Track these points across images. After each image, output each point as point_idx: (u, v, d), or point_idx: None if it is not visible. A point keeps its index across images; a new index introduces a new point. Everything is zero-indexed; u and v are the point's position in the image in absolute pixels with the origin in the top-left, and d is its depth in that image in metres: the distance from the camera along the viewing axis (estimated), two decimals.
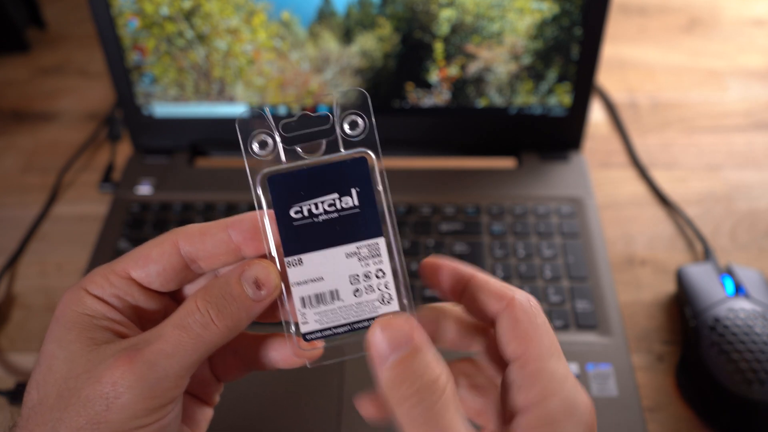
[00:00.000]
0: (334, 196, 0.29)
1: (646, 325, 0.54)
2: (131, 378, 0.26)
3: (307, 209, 0.29)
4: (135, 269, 0.30)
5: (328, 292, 0.29)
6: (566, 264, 0.54)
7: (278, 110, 0.60)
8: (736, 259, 0.58)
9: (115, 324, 0.29)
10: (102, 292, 0.30)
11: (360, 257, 0.30)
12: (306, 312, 0.29)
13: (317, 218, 0.29)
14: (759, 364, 0.45)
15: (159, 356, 0.27)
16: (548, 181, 0.60)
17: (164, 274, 0.29)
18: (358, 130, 0.30)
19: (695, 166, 0.66)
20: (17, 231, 0.61)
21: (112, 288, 0.30)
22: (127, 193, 0.60)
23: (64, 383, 0.27)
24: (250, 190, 0.29)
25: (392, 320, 0.28)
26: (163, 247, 0.29)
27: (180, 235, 0.29)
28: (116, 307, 0.29)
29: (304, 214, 0.29)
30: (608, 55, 0.76)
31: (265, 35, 0.56)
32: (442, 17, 0.55)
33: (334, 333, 0.30)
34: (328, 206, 0.29)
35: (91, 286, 0.30)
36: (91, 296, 0.30)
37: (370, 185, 0.30)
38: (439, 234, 0.56)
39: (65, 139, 0.70)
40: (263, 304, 0.28)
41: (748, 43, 0.79)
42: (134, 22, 0.56)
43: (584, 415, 0.26)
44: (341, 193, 0.30)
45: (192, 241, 0.29)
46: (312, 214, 0.29)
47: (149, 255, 0.29)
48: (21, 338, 0.54)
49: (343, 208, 0.29)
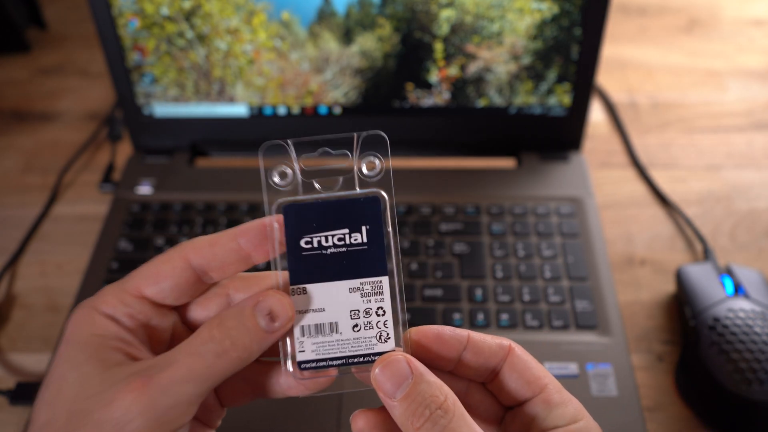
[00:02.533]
0: (345, 231, 0.30)
1: (645, 324, 0.54)
2: (143, 404, 0.26)
3: (317, 241, 0.30)
4: (147, 287, 0.30)
5: (327, 324, 0.30)
6: (566, 264, 0.54)
7: (278, 110, 0.60)
8: (735, 259, 0.58)
9: (125, 345, 0.29)
10: (114, 311, 0.29)
11: (363, 293, 0.30)
12: (304, 341, 0.30)
13: (326, 251, 0.30)
14: (758, 363, 0.45)
15: (171, 383, 0.27)
16: (548, 181, 0.60)
17: (177, 289, 0.30)
18: (374, 171, 0.31)
19: (695, 166, 0.66)
20: (17, 231, 0.61)
21: (125, 307, 0.30)
22: (128, 193, 0.60)
23: (75, 405, 0.27)
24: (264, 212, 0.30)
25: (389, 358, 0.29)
26: (174, 263, 0.30)
27: (189, 248, 0.30)
28: (128, 326, 0.29)
29: (313, 245, 0.30)
30: (608, 55, 0.76)
31: (265, 35, 0.56)
32: (442, 17, 0.55)
33: (328, 365, 0.30)
34: (337, 240, 0.30)
35: (103, 306, 0.29)
36: (103, 316, 0.29)
37: (380, 224, 0.30)
38: (439, 234, 0.56)
39: (65, 139, 0.70)
40: (276, 336, 0.29)
41: (747, 44, 0.79)
42: (134, 22, 0.56)
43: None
44: (352, 229, 0.30)
45: (202, 253, 0.30)
46: (321, 246, 0.30)
47: (160, 272, 0.30)
48: (21, 338, 0.54)
49: (352, 243, 0.30)
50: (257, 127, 0.61)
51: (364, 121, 0.61)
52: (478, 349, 0.30)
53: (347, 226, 0.30)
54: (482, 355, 0.30)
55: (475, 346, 0.30)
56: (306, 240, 0.30)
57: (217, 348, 0.28)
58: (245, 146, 0.63)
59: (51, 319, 0.55)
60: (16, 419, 0.48)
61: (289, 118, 0.61)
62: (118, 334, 0.29)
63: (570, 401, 0.30)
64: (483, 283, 0.53)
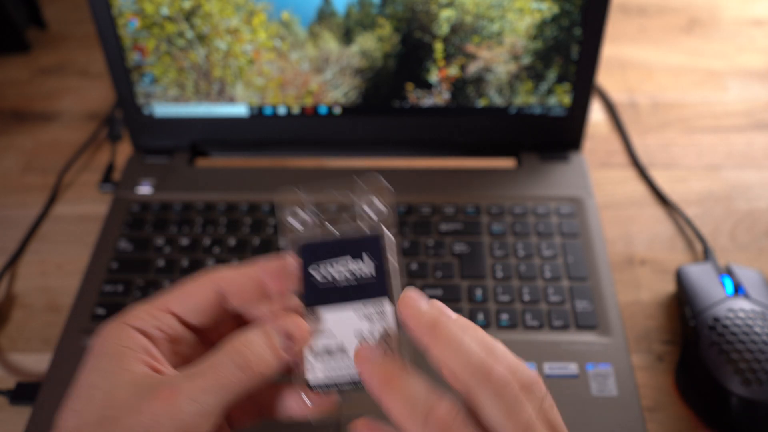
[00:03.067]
0: (353, 265, 0.34)
1: (645, 324, 0.54)
2: (171, 411, 0.28)
3: (329, 272, 0.34)
4: (176, 304, 0.33)
5: (336, 347, 0.33)
6: (566, 264, 0.54)
7: (278, 110, 0.60)
8: (735, 259, 0.58)
9: (151, 358, 0.31)
10: (144, 324, 0.32)
11: (369, 318, 0.34)
12: (314, 363, 0.33)
13: (336, 281, 0.34)
14: (758, 363, 0.45)
15: (198, 392, 0.29)
16: (548, 181, 0.60)
17: (202, 310, 0.33)
18: (379, 213, 0.35)
19: (695, 166, 0.66)
20: (17, 231, 0.61)
21: (154, 320, 0.32)
22: (127, 193, 0.60)
23: (105, 411, 0.29)
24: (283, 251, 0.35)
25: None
26: (201, 285, 0.33)
27: (216, 274, 0.33)
28: (156, 338, 0.32)
29: (325, 276, 0.34)
30: (608, 55, 0.76)
31: (265, 35, 0.56)
32: (442, 17, 0.55)
33: (338, 386, 0.33)
34: (347, 272, 0.34)
35: (134, 321, 0.32)
36: (134, 329, 0.31)
37: (383, 258, 0.34)
38: (439, 234, 0.56)
39: (65, 139, 0.70)
40: (291, 355, 0.32)
41: (747, 44, 0.79)
42: (134, 22, 0.56)
43: None
44: (359, 262, 0.34)
45: (227, 279, 0.33)
46: (332, 277, 0.34)
47: (189, 292, 0.33)
48: (21, 338, 0.54)
49: (360, 275, 0.34)
50: (257, 127, 0.61)
51: (364, 121, 0.61)
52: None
53: (354, 260, 0.34)
54: None
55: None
56: (318, 272, 0.34)
57: (240, 361, 0.30)
58: (245, 146, 0.63)
59: (51, 319, 0.55)
60: (16, 419, 0.48)
61: (289, 118, 0.61)
62: (146, 347, 0.31)
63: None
64: (483, 283, 0.53)
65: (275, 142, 0.63)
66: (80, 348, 0.50)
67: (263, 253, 0.55)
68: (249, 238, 0.56)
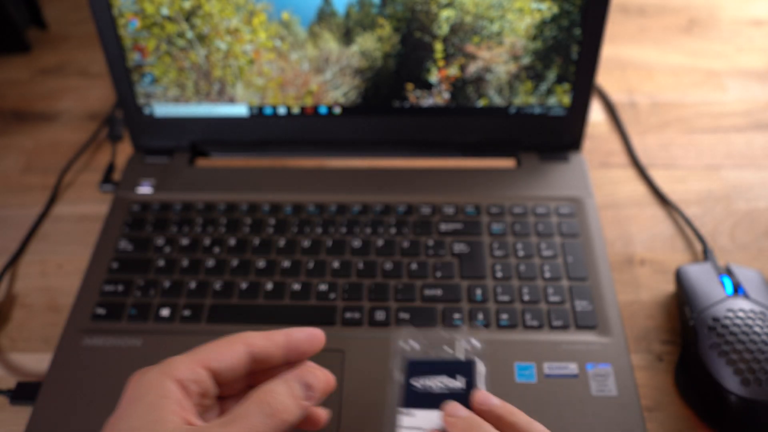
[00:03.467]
0: (447, 379, 0.41)
1: (645, 324, 0.54)
2: None
3: (427, 382, 0.41)
4: (212, 361, 0.35)
5: None
6: (566, 264, 0.54)
7: (278, 110, 0.60)
8: (735, 259, 0.58)
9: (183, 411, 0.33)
10: (185, 376, 0.34)
11: None
12: None
13: (432, 390, 0.41)
14: (758, 363, 0.45)
15: None
16: (548, 181, 0.60)
17: (234, 369, 0.35)
18: (474, 347, 0.44)
19: (694, 166, 0.66)
20: (18, 231, 0.61)
21: (193, 374, 0.34)
22: (128, 193, 0.60)
23: None
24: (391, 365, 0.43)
25: None
26: (236, 347, 0.36)
27: (250, 337, 0.36)
28: (193, 392, 0.34)
29: (424, 384, 0.42)
30: (608, 55, 0.77)
31: (265, 35, 0.56)
32: (442, 17, 0.55)
33: None
34: (441, 384, 0.41)
35: (175, 372, 0.34)
36: (173, 381, 0.34)
37: (473, 379, 0.41)
38: (439, 234, 0.56)
39: (66, 139, 0.70)
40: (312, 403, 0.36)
41: (747, 44, 0.79)
42: (135, 22, 0.56)
43: None
44: (452, 377, 0.41)
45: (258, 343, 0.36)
46: (429, 387, 0.41)
47: (225, 352, 0.36)
48: (22, 338, 0.54)
49: (452, 388, 0.41)
50: (257, 127, 0.62)
51: (364, 121, 0.61)
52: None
53: (450, 376, 0.42)
54: None
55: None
56: (419, 381, 0.42)
57: (267, 410, 0.33)
58: (245, 146, 0.63)
59: (51, 319, 0.55)
60: (16, 419, 0.48)
61: (289, 118, 0.61)
62: (181, 400, 0.33)
63: None
64: (483, 283, 0.53)
65: (275, 142, 0.63)
66: (80, 348, 0.50)
67: (263, 253, 0.55)
68: (249, 238, 0.56)
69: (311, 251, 0.55)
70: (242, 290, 0.53)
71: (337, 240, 0.56)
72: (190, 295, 0.53)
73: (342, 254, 0.55)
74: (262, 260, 0.55)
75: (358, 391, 0.47)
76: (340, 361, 0.48)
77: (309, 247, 0.56)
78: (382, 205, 0.59)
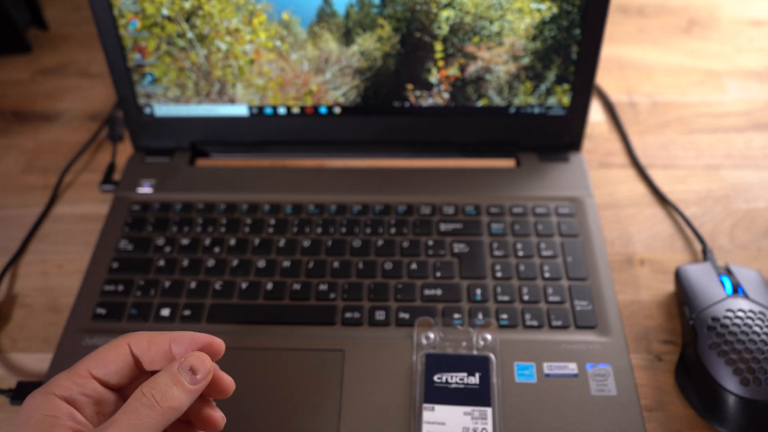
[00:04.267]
0: (464, 374, 0.46)
1: (645, 324, 0.54)
2: None
3: (445, 378, 0.46)
4: (96, 369, 0.35)
5: None
6: (565, 264, 0.54)
7: (278, 110, 0.60)
8: (734, 258, 0.58)
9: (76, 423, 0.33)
10: (68, 392, 0.34)
11: (473, 417, 0.44)
12: None
13: (450, 385, 0.45)
14: (757, 363, 0.45)
15: None
16: (547, 181, 0.60)
17: (120, 372, 0.36)
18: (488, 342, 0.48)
19: (694, 166, 0.66)
20: (18, 231, 0.62)
21: (77, 387, 0.34)
22: (128, 193, 0.61)
23: None
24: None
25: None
26: (119, 350, 0.36)
27: (132, 339, 0.36)
28: (81, 404, 0.34)
29: (442, 380, 0.46)
30: (607, 55, 0.77)
31: (265, 36, 0.56)
32: (442, 17, 0.55)
33: None
34: (459, 379, 0.45)
35: (58, 389, 0.34)
36: (58, 398, 0.34)
37: (489, 374, 0.46)
38: (439, 234, 0.57)
39: (66, 139, 0.70)
40: (200, 387, 0.34)
41: (746, 44, 0.79)
42: (135, 22, 0.56)
43: None
44: (469, 373, 0.46)
45: (140, 346, 0.36)
46: (447, 382, 0.45)
47: (107, 356, 0.35)
48: (22, 338, 0.54)
49: (468, 383, 0.45)
50: (257, 127, 0.62)
51: (364, 121, 0.61)
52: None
53: (466, 371, 0.46)
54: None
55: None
56: (438, 376, 0.46)
57: (148, 402, 0.33)
58: (245, 146, 0.63)
59: (51, 319, 0.55)
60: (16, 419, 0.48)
61: (290, 118, 0.61)
62: (71, 413, 0.33)
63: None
64: (483, 282, 0.53)
65: (275, 142, 0.63)
66: (81, 348, 0.50)
67: (263, 253, 0.55)
68: (249, 238, 0.56)
69: (311, 251, 0.56)
70: (242, 290, 0.53)
71: (337, 240, 0.56)
72: (190, 295, 0.53)
73: (342, 254, 0.55)
74: (262, 260, 0.55)
75: (358, 391, 0.47)
76: (340, 361, 0.49)
77: (309, 247, 0.56)
78: (382, 205, 0.59)
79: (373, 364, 0.48)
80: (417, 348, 0.48)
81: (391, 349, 0.49)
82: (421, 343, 0.48)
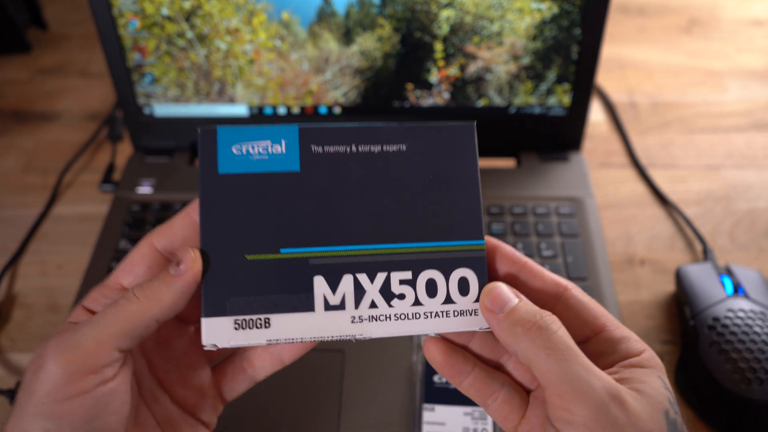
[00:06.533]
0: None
1: (645, 324, 0.54)
2: (53, 347, 0.29)
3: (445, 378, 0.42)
4: (124, 277, 0.33)
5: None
6: (566, 264, 0.54)
7: (278, 110, 0.60)
8: (735, 258, 0.58)
9: None
10: (98, 305, 0.33)
11: (473, 417, 0.44)
12: None
13: (450, 385, 0.45)
14: (758, 363, 0.45)
15: (81, 327, 0.30)
16: (548, 181, 0.60)
17: (150, 273, 0.33)
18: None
19: (694, 166, 0.66)
20: (18, 231, 0.61)
21: (106, 299, 0.33)
22: (128, 193, 0.60)
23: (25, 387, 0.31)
24: None
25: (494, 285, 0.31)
26: (142, 250, 0.33)
27: (153, 235, 0.33)
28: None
29: (442, 381, 0.45)
30: (608, 55, 0.77)
31: (265, 35, 0.56)
32: (442, 17, 0.55)
33: None
34: None
35: (89, 303, 0.33)
36: (89, 312, 0.33)
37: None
38: None
39: (66, 139, 0.70)
40: (185, 278, 0.31)
41: (747, 44, 0.79)
42: (135, 22, 0.56)
43: None
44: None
45: (164, 234, 0.33)
46: (447, 383, 0.45)
47: (132, 261, 0.33)
48: (22, 338, 0.54)
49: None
50: None
51: (364, 121, 0.61)
52: (532, 276, 0.33)
53: None
54: (536, 282, 0.33)
55: (531, 272, 0.33)
56: (438, 377, 0.45)
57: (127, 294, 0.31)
58: None
59: (51, 319, 0.55)
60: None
61: (290, 118, 0.61)
62: None
63: (631, 335, 0.32)
64: None
65: None
66: None
67: None
68: None
69: None
70: None
71: None
72: None
73: None
74: None
75: (358, 392, 0.47)
76: (340, 361, 0.48)
77: None
78: None
79: (373, 365, 0.48)
80: (417, 348, 0.48)
81: (391, 350, 0.49)
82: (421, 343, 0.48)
